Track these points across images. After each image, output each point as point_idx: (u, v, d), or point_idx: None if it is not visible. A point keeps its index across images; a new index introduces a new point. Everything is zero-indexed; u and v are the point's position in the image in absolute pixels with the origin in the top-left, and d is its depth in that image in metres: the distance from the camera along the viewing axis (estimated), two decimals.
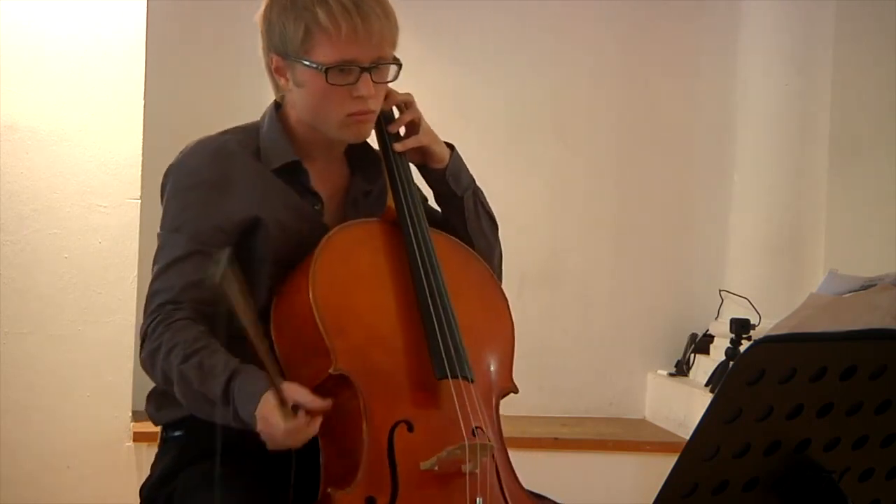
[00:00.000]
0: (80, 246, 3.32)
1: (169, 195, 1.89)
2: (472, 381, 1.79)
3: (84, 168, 3.32)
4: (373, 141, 2.01)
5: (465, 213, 2.01)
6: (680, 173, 4.18)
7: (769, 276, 3.89)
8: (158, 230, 1.90)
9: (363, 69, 1.82)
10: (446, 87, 4.01)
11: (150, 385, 1.98)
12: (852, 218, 3.82)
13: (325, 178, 1.95)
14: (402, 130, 1.98)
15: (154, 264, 1.87)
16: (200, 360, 1.74)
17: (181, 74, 3.72)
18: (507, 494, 1.75)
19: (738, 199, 4.10)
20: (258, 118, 1.97)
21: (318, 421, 1.68)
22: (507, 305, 1.97)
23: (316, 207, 1.93)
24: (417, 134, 1.98)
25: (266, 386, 1.67)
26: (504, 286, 2.03)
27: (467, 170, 2.05)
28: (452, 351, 1.78)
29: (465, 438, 1.69)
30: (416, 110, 1.99)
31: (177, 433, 1.92)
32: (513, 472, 1.82)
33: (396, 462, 1.69)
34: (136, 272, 3.30)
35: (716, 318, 4.03)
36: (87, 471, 3.31)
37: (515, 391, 1.91)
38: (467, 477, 1.68)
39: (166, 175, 1.91)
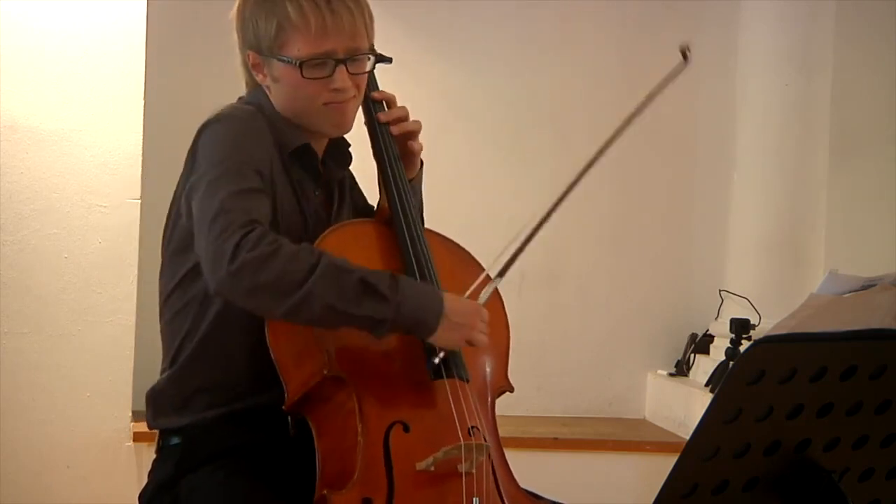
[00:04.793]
0: (80, 246, 3.32)
1: (230, 133, 1.79)
2: (468, 381, 1.80)
3: (84, 168, 3.32)
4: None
5: None
6: (680, 173, 4.18)
7: (769, 276, 3.89)
8: (207, 162, 1.76)
9: (338, 61, 1.83)
10: (445, 87, 4.01)
11: (150, 386, 1.97)
12: (852, 218, 3.82)
13: None
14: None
15: (215, 186, 1.70)
16: (346, 259, 1.70)
17: (181, 74, 3.73)
18: (503, 494, 1.75)
19: (738, 199, 4.10)
20: None
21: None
22: (502, 303, 1.97)
23: (316, 193, 1.94)
24: (415, 140, 2.01)
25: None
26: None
27: (420, 186, 2.07)
28: (447, 351, 1.78)
29: (461, 438, 1.69)
30: (419, 123, 2.01)
31: (174, 441, 1.90)
32: (509, 471, 1.82)
33: (392, 463, 1.68)
34: (136, 272, 3.30)
35: (716, 318, 4.03)
36: (87, 471, 3.31)
37: (511, 389, 1.92)
38: (463, 477, 1.68)
39: (213, 121, 1.82)
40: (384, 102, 2.02)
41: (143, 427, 3.27)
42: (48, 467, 3.29)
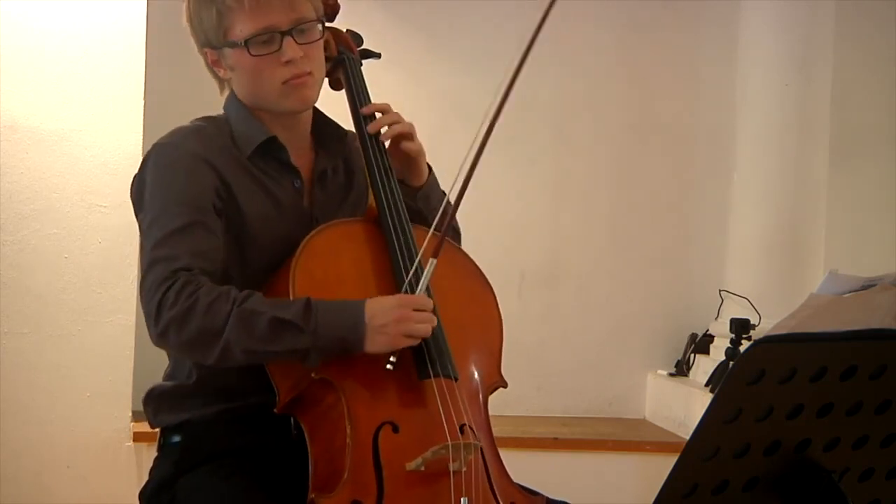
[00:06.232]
0: (80, 246, 3.32)
1: (156, 172, 1.84)
2: (456, 379, 1.78)
3: (84, 168, 3.32)
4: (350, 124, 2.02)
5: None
6: (680, 173, 4.18)
7: (769, 276, 3.89)
8: (143, 207, 1.83)
9: (283, 33, 1.83)
10: (445, 87, 4.01)
11: (150, 385, 1.98)
12: (852, 218, 3.82)
13: (296, 156, 1.96)
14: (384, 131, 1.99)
15: (147, 236, 1.79)
16: (260, 299, 1.72)
17: (181, 74, 3.71)
18: (496, 491, 1.75)
19: (737, 200, 4.10)
20: None
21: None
22: (494, 298, 1.96)
23: (296, 185, 1.94)
24: (411, 141, 1.99)
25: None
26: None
27: (439, 190, 2.05)
28: (434, 351, 1.77)
29: (450, 438, 1.69)
30: (410, 125, 2.00)
31: (175, 439, 1.91)
32: (503, 467, 1.82)
33: (382, 464, 1.68)
34: (135, 272, 3.30)
35: (716, 318, 4.03)
36: (87, 471, 3.31)
37: (504, 385, 1.91)
38: (452, 476, 1.67)
39: (147, 158, 1.87)
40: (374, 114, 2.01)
41: (143, 427, 3.27)
42: (48, 467, 3.29)
